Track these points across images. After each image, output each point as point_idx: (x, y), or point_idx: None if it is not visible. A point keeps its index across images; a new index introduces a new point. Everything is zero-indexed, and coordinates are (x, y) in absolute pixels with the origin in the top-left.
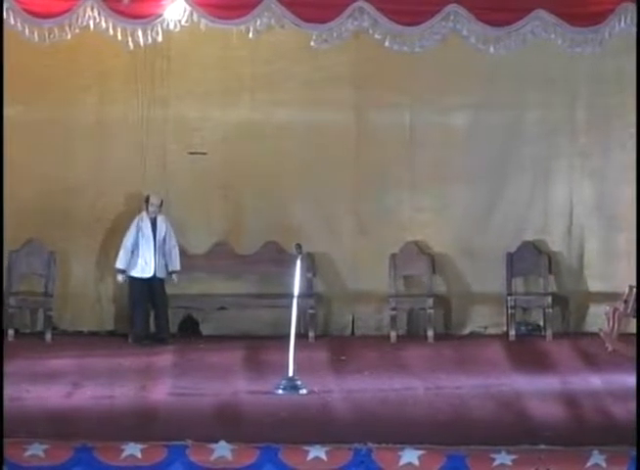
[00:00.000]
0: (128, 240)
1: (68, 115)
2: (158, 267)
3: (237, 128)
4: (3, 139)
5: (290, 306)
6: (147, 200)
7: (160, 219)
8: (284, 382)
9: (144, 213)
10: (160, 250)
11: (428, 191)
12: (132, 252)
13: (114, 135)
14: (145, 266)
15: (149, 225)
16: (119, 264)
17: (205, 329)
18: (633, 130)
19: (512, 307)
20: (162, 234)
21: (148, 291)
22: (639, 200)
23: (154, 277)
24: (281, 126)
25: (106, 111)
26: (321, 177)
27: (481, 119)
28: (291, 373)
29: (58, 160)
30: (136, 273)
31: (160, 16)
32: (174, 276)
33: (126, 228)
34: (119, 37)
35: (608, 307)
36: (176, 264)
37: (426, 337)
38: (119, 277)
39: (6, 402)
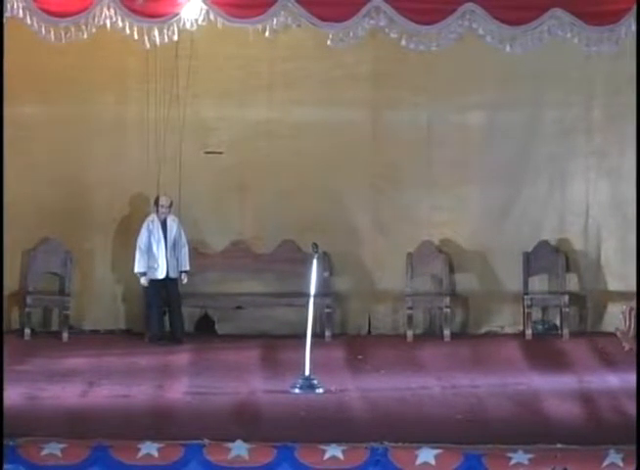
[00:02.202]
0: (141, 242)
1: (86, 114)
2: (170, 268)
3: (254, 127)
4: (3, 139)
5: (306, 306)
6: (156, 201)
7: (169, 220)
8: (300, 381)
9: (154, 215)
10: (172, 250)
11: (445, 190)
12: (146, 253)
13: (132, 134)
14: (157, 267)
15: (159, 226)
16: (139, 268)
17: (222, 328)
18: None
19: (529, 307)
20: (173, 234)
21: (162, 291)
22: (639, 200)
23: (167, 278)
24: (298, 125)
25: (123, 110)
26: (338, 176)
27: (499, 119)
28: (307, 372)
29: (75, 159)
30: (150, 274)
31: (177, 15)
32: (184, 276)
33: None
34: (136, 36)
35: (624, 307)
36: (186, 264)
37: (442, 336)
38: (142, 280)
39: (23, 401)
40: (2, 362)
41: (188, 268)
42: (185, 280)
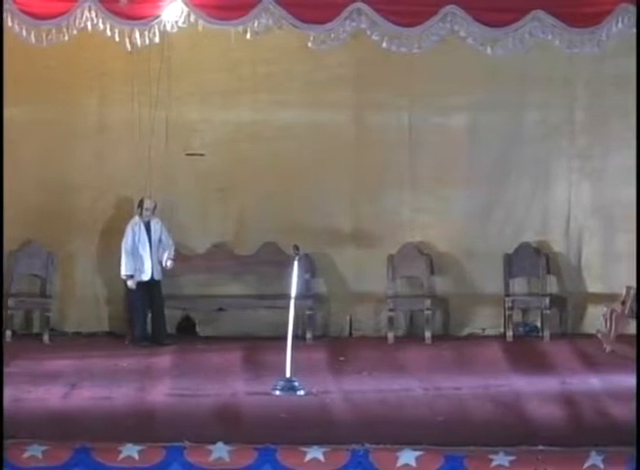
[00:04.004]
0: (127, 245)
1: (69, 116)
2: (155, 270)
3: (237, 129)
4: (3, 139)
5: (288, 308)
6: (140, 204)
7: (153, 222)
8: (281, 383)
9: (137, 217)
10: (156, 252)
11: (427, 192)
12: (132, 256)
13: (115, 136)
14: (143, 270)
15: (143, 229)
16: (127, 271)
17: (204, 330)
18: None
19: (510, 308)
20: (157, 236)
21: (146, 293)
22: (639, 200)
23: (151, 280)
24: (281, 127)
25: (106, 112)
26: (321, 178)
27: (481, 120)
28: (288, 374)
29: (58, 161)
30: (135, 277)
31: (158, 17)
32: (170, 262)
33: (125, 231)
34: (117, 39)
35: (605, 309)
36: (172, 253)
37: (424, 338)
38: (130, 283)
39: (5, 403)
40: (2, 361)
41: (173, 257)
42: (169, 265)
